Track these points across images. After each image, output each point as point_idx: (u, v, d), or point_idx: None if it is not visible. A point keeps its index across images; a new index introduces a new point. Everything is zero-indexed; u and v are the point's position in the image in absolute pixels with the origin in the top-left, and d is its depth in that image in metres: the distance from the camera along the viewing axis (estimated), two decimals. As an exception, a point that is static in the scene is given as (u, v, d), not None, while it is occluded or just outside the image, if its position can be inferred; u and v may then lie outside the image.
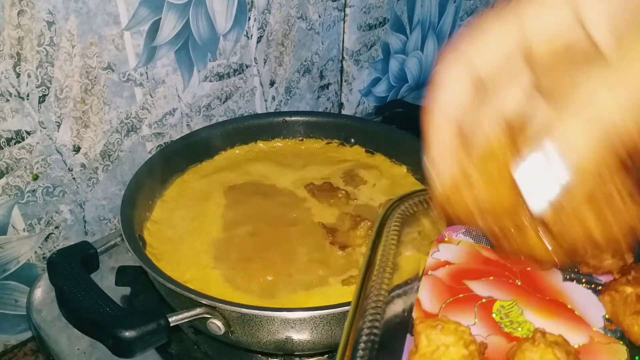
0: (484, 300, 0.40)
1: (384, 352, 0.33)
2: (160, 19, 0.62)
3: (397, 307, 0.38)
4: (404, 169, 0.68)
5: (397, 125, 0.76)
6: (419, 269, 0.42)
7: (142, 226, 0.57)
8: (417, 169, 0.66)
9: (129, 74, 0.63)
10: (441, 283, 0.41)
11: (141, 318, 0.42)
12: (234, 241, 0.56)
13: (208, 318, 0.44)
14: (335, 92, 0.92)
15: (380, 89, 1.00)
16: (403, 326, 0.38)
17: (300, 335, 0.45)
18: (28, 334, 0.67)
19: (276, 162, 0.69)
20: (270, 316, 0.43)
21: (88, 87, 0.60)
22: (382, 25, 0.92)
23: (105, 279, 0.59)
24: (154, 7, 0.61)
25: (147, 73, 0.65)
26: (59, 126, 0.60)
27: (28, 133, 0.58)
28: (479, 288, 0.41)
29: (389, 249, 0.39)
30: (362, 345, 0.32)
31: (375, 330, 0.33)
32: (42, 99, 0.57)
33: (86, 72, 0.59)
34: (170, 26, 0.64)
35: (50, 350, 0.54)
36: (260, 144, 0.72)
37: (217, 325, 0.44)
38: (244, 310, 0.43)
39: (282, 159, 0.69)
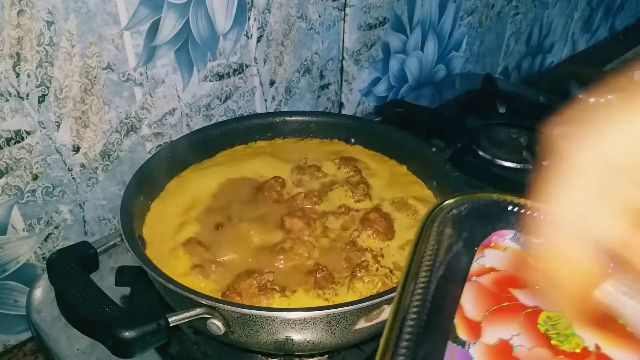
0: (529, 309, 0.38)
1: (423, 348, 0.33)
2: (160, 18, 0.62)
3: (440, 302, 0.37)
4: (403, 168, 0.68)
5: (397, 125, 0.75)
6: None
7: (142, 226, 0.57)
8: (417, 168, 0.66)
9: (128, 74, 0.63)
10: (485, 290, 0.40)
11: (141, 318, 0.41)
12: (215, 240, 0.56)
13: (208, 318, 0.44)
14: (335, 92, 0.92)
15: (380, 89, 1.00)
16: (444, 332, 0.36)
17: (300, 336, 0.45)
18: (28, 334, 0.67)
19: (273, 156, 0.69)
20: (270, 316, 0.43)
21: (88, 87, 0.60)
22: (382, 25, 0.92)
23: (105, 279, 0.59)
24: (154, 7, 0.61)
25: (146, 73, 0.65)
26: (58, 126, 0.60)
27: (28, 133, 0.58)
28: (525, 297, 0.39)
29: (434, 239, 0.39)
30: (405, 335, 0.32)
31: (419, 320, 0.33)
32: (41, 98, 0.57)
33: (86, 71, 0.59)
34: (170, 26, 0.64)
35: (50, 351, 0.54)
36: (261, 144, 0.72)
37: (216, 325, 0.44)
38: (243, 310, 0.43)
39: (279, 154, 0.69)
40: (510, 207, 0.43)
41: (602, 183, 0.29)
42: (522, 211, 0.42)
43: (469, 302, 0.39)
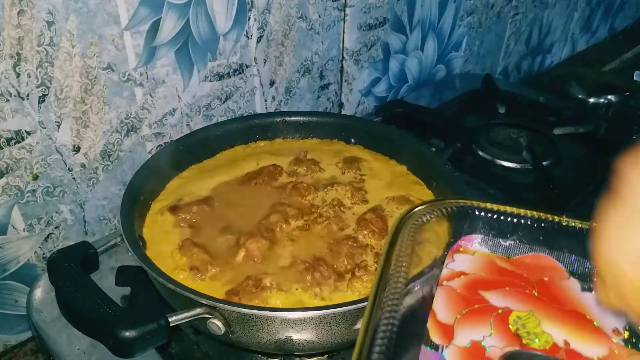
0: (500, 311, 0.39)
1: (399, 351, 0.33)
2: (160, 18, 0.62)
3: (413, 306, 0.37)
4: (403, 168, 0.68)
5: (397, 125, 0.76)
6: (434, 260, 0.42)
7: (142, 226, 0.57)
8: (417, 168, 0.66)
9: (129, 74, 0.63)
10: (456, 294, 0.41)
11: (141, 318, 0.42)
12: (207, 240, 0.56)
13: (208, 318, 0.44)
14: (335, 92, 0.92)
15: (380, 89, 1.00)
16: (417, 337, 0.37)
17: (300, 335, 0.45)
18: (28, 334, 0.67)
19: (273, 155, 0.69)
20: (270, 316, 0.43)
21: (88, 87, 0.60)
22: (382, 25, 0.92)
23: (105, 279, 0.59)
24: (154, 7, 0.61)
25: (147, 73, 0.65)
26: (59, 126, 0.60)
27: (28, 133, 0.58)
28: (495, 298, 0.40)
29: (406, 246, 0.39)
30: (378, 341, 0.32)
31: (392, 327, 0.33)
32: (42, 98, 0.57)
33: (86, 72, 0.59)
34: (170, 26, 0.64)
35: (50, 351, 0.54)
36: (260, 144, 0.72)
37: (217, 325, 0.44)
38: (244, 310, 0.43)
39: (277, 152, 0.70)
40: (477, 212, 0.44)
41: None
42: (489, 215, 0.43)
43: (441, 306, 0.40)
